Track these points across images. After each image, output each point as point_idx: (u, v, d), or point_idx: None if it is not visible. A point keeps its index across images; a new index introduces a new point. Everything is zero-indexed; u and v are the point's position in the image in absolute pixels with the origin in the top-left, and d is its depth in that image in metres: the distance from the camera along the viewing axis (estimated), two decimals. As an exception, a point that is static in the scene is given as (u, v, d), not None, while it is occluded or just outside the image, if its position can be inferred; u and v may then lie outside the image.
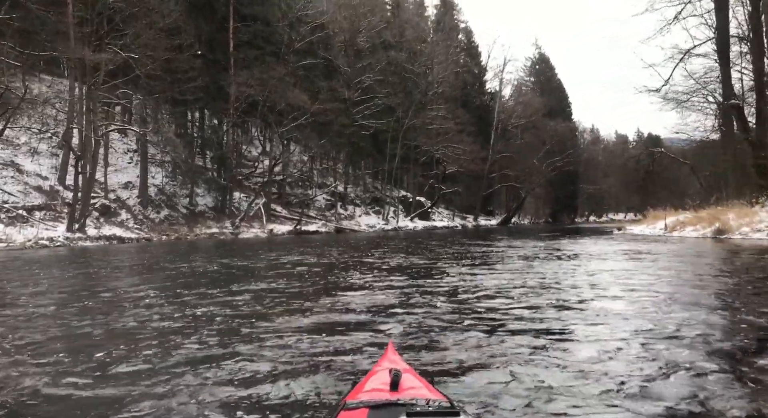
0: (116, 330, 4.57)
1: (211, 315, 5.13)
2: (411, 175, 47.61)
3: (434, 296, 6.24)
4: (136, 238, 25.02)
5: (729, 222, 16.61)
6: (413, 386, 1.61)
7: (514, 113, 57.50)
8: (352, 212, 40.55)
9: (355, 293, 6.62)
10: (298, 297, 6.36)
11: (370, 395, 1.53)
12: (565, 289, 6.82)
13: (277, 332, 4.28)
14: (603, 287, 6.99)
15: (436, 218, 47.24)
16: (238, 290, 7.22)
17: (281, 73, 30.30)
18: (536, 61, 77.86)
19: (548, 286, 7.05)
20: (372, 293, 6.53)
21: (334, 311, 5.24)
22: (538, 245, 16.86)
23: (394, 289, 6.88)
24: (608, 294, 6.26)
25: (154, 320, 4.92)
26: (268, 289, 7.19)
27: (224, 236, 28.14)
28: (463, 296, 6.27)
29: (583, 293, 6.43)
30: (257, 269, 10.40)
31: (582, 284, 7.31)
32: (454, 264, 10.82)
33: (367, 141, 39.59)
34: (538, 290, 6.69)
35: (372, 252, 14.89)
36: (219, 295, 6.62)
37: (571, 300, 5.80)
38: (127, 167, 31.09)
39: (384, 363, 1.93)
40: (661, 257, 12.28)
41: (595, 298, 5.91)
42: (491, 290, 6.68)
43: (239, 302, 5.94)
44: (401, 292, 6.58)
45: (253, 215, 31.67)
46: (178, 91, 27.82)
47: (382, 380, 1.62)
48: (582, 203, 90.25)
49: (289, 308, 5.57)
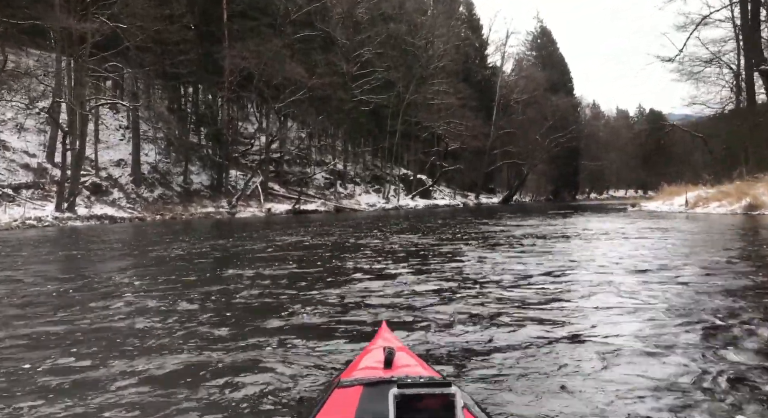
0: (79, 329, 3.81)
1: (197, 309, 4.51)
2: (412, 152, 46.49)
3: (456, 284, 5.50)
4: (129, 217, 24.17)
5: (761, 197, 15.60)
6: (407, 363, 1.62)
7: (516, 88, 56.15)
8: (352, 190, 39.58)
9: (361, 281, 5.79)
10: (296, 285, 5.62)
11: (364, 373, 1.53)
12: (599, 271, 5.99)
13: (270, 323, 3.92)
14: (638, 270, 6.13)
15: (438, 196, 46.31)
16: (231, 277, 6.41)
17: (277, 45, 29.05)
18: (537, 35, 76.15)
19: (579, 268, 6.40)
20: (381, 282, 5.67)
21: (339, 307, 4.46)
22: (552, 224, 16.01)
23: (406, 275, 6.01)
24: (645, 282, 5.38)
25: (128, 317, 4.21)
26: (263, 275, 6.55)
27: (220, 215, 27.31)
28: (489, 283, 5.54)
29: (619, 276, 5.66)
30: (253, 252, 9.55)
31: (618, 264, 6.61)
32: (468, 246, 9.95)
33: (366, 117, 38.43)
34: (569, 273, 6.04)
35: (375, 232, 14.08)
36: (210, 282, 6.00)
37: (613, 282, 5.31)
38: (119, 144, 30.05)
39: (378, 341, 1.94)
40: (695, 235, 11.44)
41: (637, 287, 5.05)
42: (520, 277, 5.90)
43: (231, 292, 5.26)
44: (418, 279, 5.72)
45: (250, 194, 30.75)
46: (169, 64, 26.69)
47: (376, 358, 1.63)
48: (582, 180, 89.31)
49: (283, 299, 4.87)
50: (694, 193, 19.57)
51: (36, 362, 3.00)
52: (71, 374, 2.80)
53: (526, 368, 2.75)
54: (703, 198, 18.60)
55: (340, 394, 1.40)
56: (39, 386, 2.64)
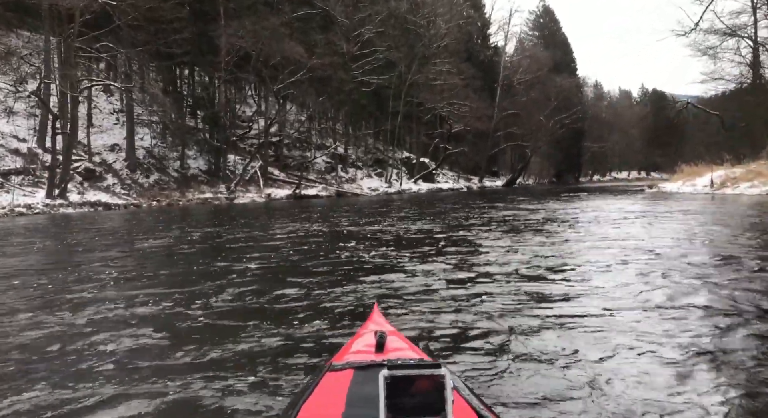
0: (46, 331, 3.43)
1: (185, 312, 4.05)
2: (414, 134, 45.41)
3: (483, 275, 5.05)
4: (124, 204, 23.35)
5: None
6: (398, 347, 1.62)
7: (520, 69, 54.86)
8: (354, 174, 38.63)
9: (377, 281, 4.98)
10: (290, 280, 5.06)
11: (355, 357, 1.53)
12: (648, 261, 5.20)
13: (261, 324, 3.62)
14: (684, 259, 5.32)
15: (441, 180, 45.34)
16: (222, 269, 5.64)
17: (275, 23, 27.92)
18: (540, 15, 74.69)
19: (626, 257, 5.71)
20: (404, 281, 4.85)
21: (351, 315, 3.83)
22: (570, 207, 15.18)
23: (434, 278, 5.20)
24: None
25: (109, 318, 3.82)
26: (257, 268, 6.11)
27: (219, 201, 26.49)
28: (512, 274, 5.10)
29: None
30: (250, 241, 8.75)
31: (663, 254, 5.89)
32: (488, 232, 9.11)
33: (367, 98, 37.32)
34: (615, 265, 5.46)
35: (380, 218, 13.28)
36: (203, 277, 5.50)
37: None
38: (113, 128, 29.12)
39: (369, 325, 1.94)
40: (739, 219, 10.61)
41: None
42: (558, 268, 5.30)
43: (222, 292, 4.76)
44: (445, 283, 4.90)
45: (249, 179, 29.87)
46: (163, 44, 25.63)
47: (368, 342, 1.63)
48: (585, 162, 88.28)
49: (279, 300, 4.38)
50: (719, 173, 18.53)
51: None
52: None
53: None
54: (730, 178, 17.49)
55: (331, 377, 1.39)
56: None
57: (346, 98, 34.93)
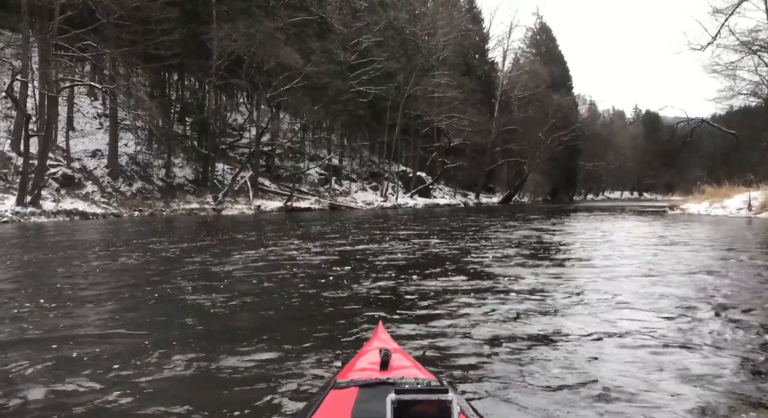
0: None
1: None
2: (411, 148, 44.13)
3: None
4: (103, 213, 21.78)
5: None
6: (403, 365, 1.60)
7: (518, 84, 54.07)
8: (348, 187, 37.18)
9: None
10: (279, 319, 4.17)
11: (359, 374, 1.52)
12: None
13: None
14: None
15: (437, 195, 44.02)
16: (197, 305, 4.22)
17: (270, 27, 26.64)
18: (537, 32, 74.28)
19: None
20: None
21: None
22: (591, 229, 13.83)
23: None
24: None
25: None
26: (256, 279, 5.45)
27: (205, 212, 24.98)
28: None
29: None
30: (233, 262, 7.24)
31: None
32: (506, 259, 7.71)
33: (364, 109, 36.05)
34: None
35: (377, 235, 11.88)
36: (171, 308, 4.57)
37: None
38: (96, 133, 27.57)
39: (374, 343, 1.93)
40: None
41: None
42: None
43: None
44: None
45: (239, 190, 28.36)
46: (151, 45, 24.21)
47: (372, 360, 1.63)
48: (579, 181, 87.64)
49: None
50: (755, 194, 17.04)
51: None
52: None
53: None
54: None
55: (335, 395, 1.38)
56: None
57: (342, 108, 33.61)
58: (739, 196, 17.85)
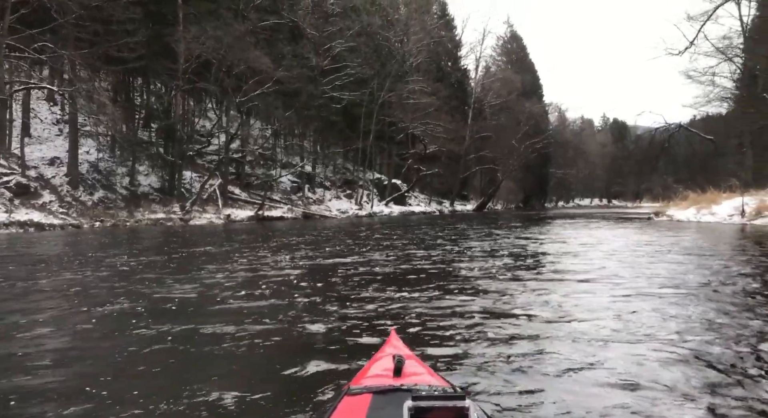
0: None
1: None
2: (385, 155, 43.39)
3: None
4: (61, 224, 20.40)
5: None
6: (416, 371, 1.59)
7: (491, 92, 54.05)
8: (322, 195, 36.21)
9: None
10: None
11: (373, 381, 1.50)
12: None
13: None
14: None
15: (413, 203, 43.36)
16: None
17: (239, 30, 25.68)
18: (508, 40, 74.71)
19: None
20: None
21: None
22: (583, 236, 13.26)
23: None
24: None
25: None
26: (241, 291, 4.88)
27: (172, 222, 23.76)
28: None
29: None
30: (203, 278, 6.32)
31: None
32: (496, 270, 6.99)
33: (338, 115, 35.22)
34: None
35: (355, 245, 11.07)
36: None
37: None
38: (55, 140, 26.07)
39: (387, 349, 1.91)
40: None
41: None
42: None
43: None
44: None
45: (207, 198, 27.17)
46: (113, 47, 22.98)
47: (385, 366, 1.62)
48: (550, 189, 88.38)
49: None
50: (747, 199, 16.54)
51: None
52: None
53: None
54: (767, 206, 15.28)
55: (349, 401, 1.36)
56: None
57: (315, 114, 32.73)
58: (728, 202, 17.39)
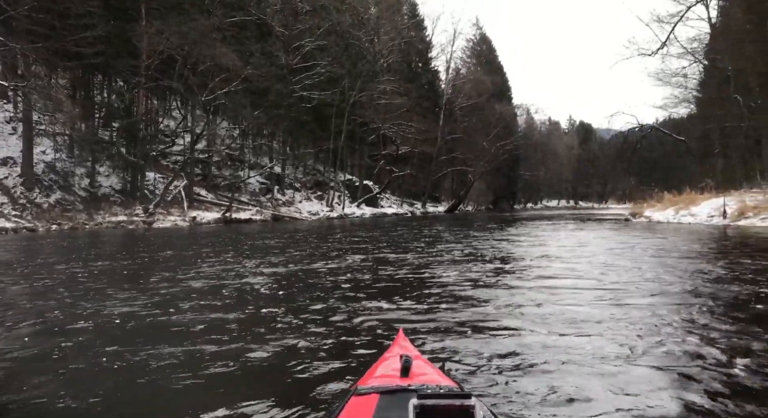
0: None
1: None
2: (357, 156, 42.73)
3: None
4: (14, 228, 19.23)
5: None
6: (424, 372, 1.60)
7: (461, 93, 53.98)
8: (291, 197, 35.38)
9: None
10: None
11: (380, 381, 1.52)
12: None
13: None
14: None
15: (385, 205, 42.82)
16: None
17: (204, 26, 24.77)
18: (477, 43, 74.93)
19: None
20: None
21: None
22: (567, 237, 12.92)
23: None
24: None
25: None
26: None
27: (134, 225, 22.72)
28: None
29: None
30: (161, 287, 5.65)
31: None
32: (484, 276, 6.51)
33: (308, 115, 34.46)
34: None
35: (327, 249, 10.48)
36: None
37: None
38: (8, 139, 24.71)
39: (395, 350, 1.91)
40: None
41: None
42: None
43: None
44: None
45: (172, 200, 26.13)
46: (71, 41, 21.83)
47: (393, 366, 1.63)
48: (519, 190, 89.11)
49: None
50: (732, 200, 16.31)
51: None
52: None
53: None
54: (751, 207, 14.84)
55: (356, 401, 1.37)
56: None
57: (285, 113, 31.91)
58: (706, 202, 17.29)
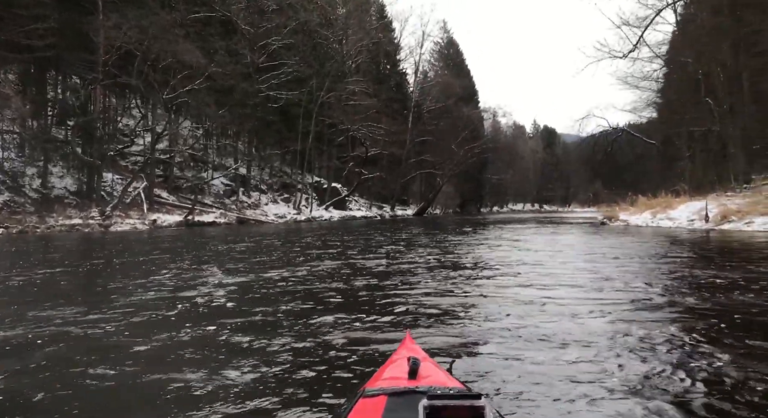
0: None
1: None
2: (325, 157, 41.88)
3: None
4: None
5: None
6: (431, 374, 1.59)
7: (430, 96, 53.82)
8: (257, 199, 34.34)
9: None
10: None
11: (388, 383, 1.51)
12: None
13: None
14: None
15: (353, 208, 42.10)
16: None
17: (165, 20, 23.71)
18: (444, 46, 75.08)
19: None
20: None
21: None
22: (548, 241, 12.52)
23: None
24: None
25: None
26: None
27: (90, 228, 21.46)
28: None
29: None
30: (112, 300, 4.89)
31: None
32: (468, 283, 5.98)
33: (275, 115, 33.52)
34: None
35: (295, 255, 9.78)
36: None
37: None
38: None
39: (402, 352, 1.90)
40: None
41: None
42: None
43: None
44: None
45: (131, 202, 24.91)
46: (20, 34, 20.52)
47: (401, 368, 1.61)
48: (485, 194, 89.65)
49: None
50: (711, 204, 15.90)
51: None
52: None
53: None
54: (734, 211, 14.39)
55: (364, 403, 1.37)
56: None
57: (251, 113, 30.94)
58: (683, 206, 17.12)
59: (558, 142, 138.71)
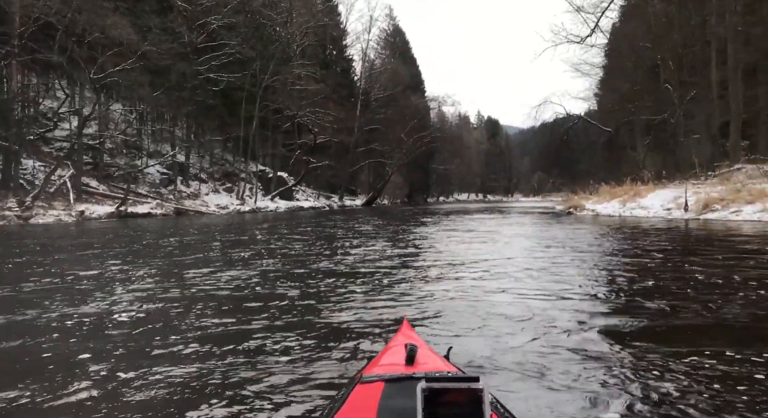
0: None
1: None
2: (270, 145, 39.98)
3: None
4: None
5: None
6: (429, 360, 1.59)
7: (377, 83, 52.75)
8: (197, 189, 32.23)
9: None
10: None
11: (385, 369, 1.51)
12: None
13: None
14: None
15: (300, 198, 40.48)
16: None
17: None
18: (391, 34, 74.18)
19: None
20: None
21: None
22: (514, 234, 11.70)
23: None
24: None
25: None
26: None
27: (7, 220, 19.22)
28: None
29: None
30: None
31: None
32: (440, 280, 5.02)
33: (216, 98, 31.48)
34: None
35: (238, 249, 8.60)
36: None
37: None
38: None
39: (399, 338, 1.90)
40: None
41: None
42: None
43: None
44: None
45: (55, 192, 22.59)
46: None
47: (398, 355, 1.62)
48: (432, 183, 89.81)
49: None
50: (689, 192, 14.97)
51: None
52: None
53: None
54: (717, 199, 13.78)
55: (362, 389, 1.37)
56: None
57: (189, 96, 28.85)
58: (654, 194, 16.67)
59: (501, 133, 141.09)
